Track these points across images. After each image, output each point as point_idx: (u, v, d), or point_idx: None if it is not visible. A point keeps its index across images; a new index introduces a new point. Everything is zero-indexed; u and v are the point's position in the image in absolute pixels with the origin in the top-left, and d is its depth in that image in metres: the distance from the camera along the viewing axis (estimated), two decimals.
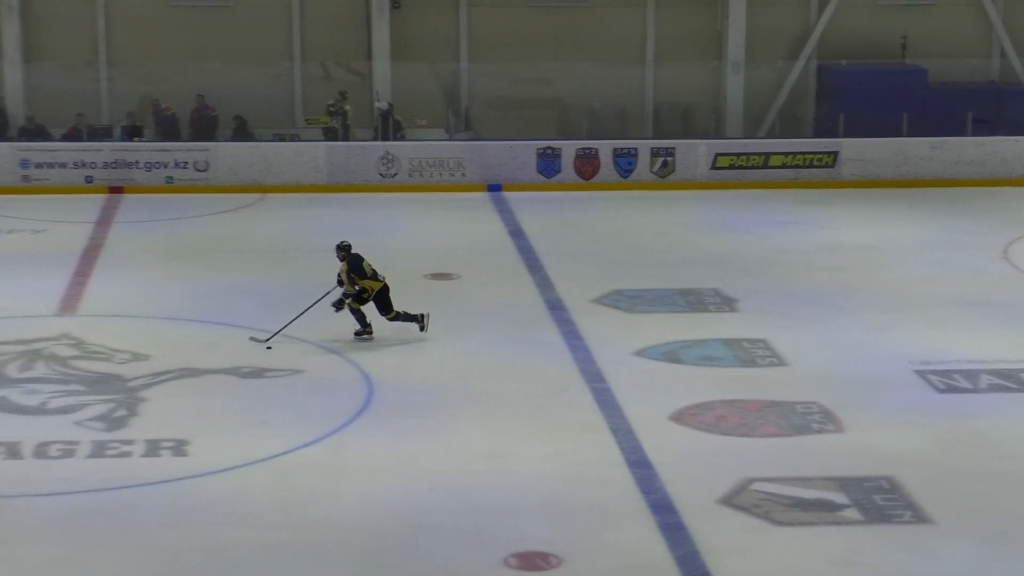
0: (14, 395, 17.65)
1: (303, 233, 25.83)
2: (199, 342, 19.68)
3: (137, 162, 28.66)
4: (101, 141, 29.36)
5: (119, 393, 17.80)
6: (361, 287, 19.52)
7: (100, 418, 17.03)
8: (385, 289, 19.64)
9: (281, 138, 30.13)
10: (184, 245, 24.87)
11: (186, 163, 28.69)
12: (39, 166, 28.47)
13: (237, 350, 19.27)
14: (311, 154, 29.15)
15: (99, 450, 16.15)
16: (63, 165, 28.52)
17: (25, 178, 28.40)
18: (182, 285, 22.26)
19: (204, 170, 28.66)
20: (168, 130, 30.35)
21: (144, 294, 21.88)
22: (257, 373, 18.49)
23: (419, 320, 19.75)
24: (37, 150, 28.74)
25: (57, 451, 16.08)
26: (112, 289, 22.14)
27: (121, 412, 17.23)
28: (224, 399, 17.71)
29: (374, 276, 19.60)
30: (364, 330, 19.60)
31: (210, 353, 19.10)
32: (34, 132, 29.90)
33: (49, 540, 14.06)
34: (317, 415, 17.16)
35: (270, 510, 14.70)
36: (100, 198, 27.93)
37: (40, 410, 17.28)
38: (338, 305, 19.63)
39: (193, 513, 14.66)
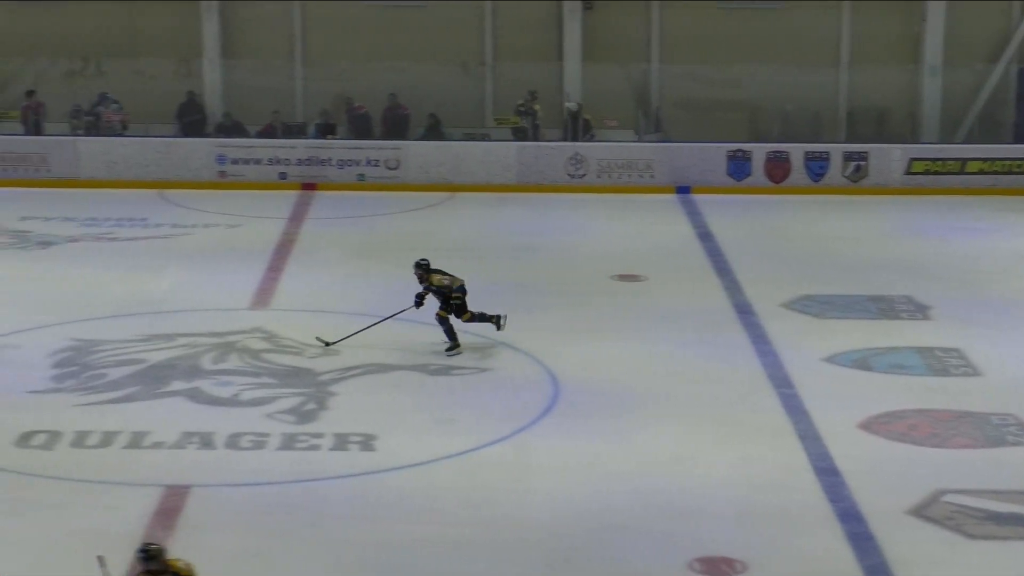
0: (208, 386, 17.97)
1: (491, 232, 25.94)
2: (388, 338, 19.83)
3: (330, 159, 29.02)
4: (295, 138, 29.80)
5: (309, 387, 18.03)
6: (438, 287, 19.29)
7: (290, 411, 17.26)
8: (461, 290, 19.49)
9: (471, 138, 30.29)
10: (374, 242, 25.12)
11: (377, 161, 28.99)
12: (235, 162, 28.98)
13: (425, 347, 19.40)
14: (501, 154, 29.26)
15: (289, 443, 16.37)
16: (258, 161, 28.99)
17: (221, 174, 28.93)
18: (372, 281, 22.49)
19: (395, 168, 28.93)
20: (360, 128, 30.70)
21: (334, 290, 22.14)
22: (444, 370, 18.60)
23: (496, 320, 19.52)
24: (233, 146, 29.26)
25: (248, 442, 16.34)
26: (303, 284, 22.45)
27: (311, 406, 17.46)
28: (412, 395, 17.84)
29: (457, 288, 19.39)
30: (453, 345, 19.29)
31: (398, 349, 19.25)
32: (231, 128, 30.45)
33: (240, 530, 14.29)
34: (503, 413, 17.20)
35: (455, 507, 14.77)
36: (293, 194, 28.34)
37: (232, 402, 17.58)
38: (418, 300, 19.39)
39: (379, 508, 14.78)
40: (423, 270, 19.40)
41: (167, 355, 18.96)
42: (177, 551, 13.71)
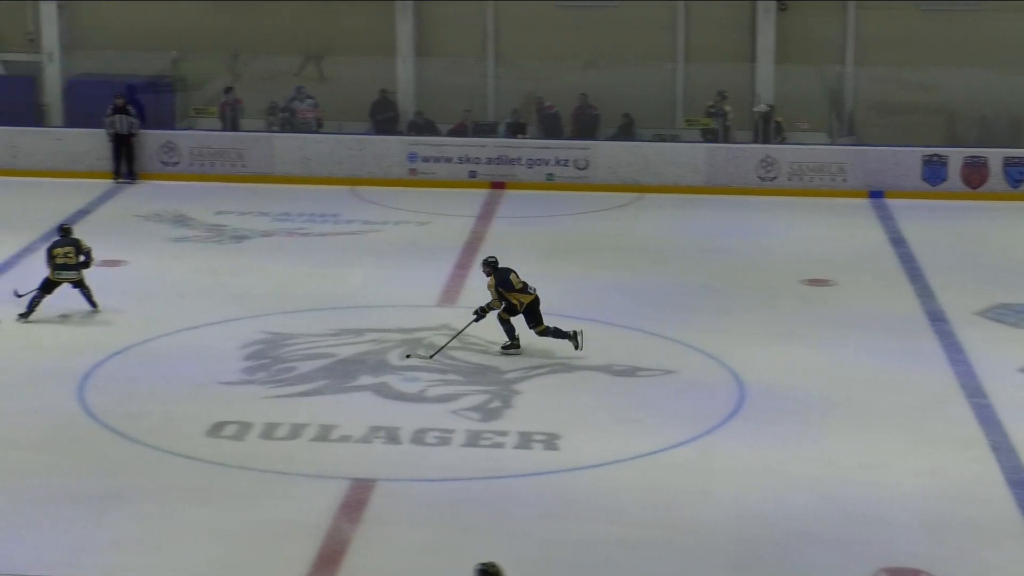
0: (395, 382, 18.14)
1: (680, 233, 25.79)
2: None
3: (519, 158, 29.11)
4: (486, 137, 29.94)
5: (494, 385, 18.10)
6: (509, 300, 19.01)
7: (476, 408, 17.35)
8: (535, 301, 19.13)
9: (661, 138, 30.16)
10: (562, 242, 25.13)
11: (567, 161, 29.00)
12: (426, 160, 29.21)
13: (610, 347, 19.35)
14: (690, 155, 29.09)
15: (473, 439, 16.45)
16: (448, 160, 29.19)
17: (412, 171, 29.18)
18: (559, 281, 22.46)
19: (584, 168, 28.93)
20: (550, 128, 30.77)
21: None
22: (630, 371, 18.53)
23: (572, 337, 19.04)
24: (424, 144, 29.49)
25: (434, 438, 16.45)
26: None
27: (496, 404, 17.52)
28: (596, 395, 17.81)
29: (523, 289, 19.10)
30: (512, 343, 19.10)
31: (584, 349, 19.22)
32: (422, 127, 30.71)
33: (425, 524, 14.40)
34: (688, 416, 17.08)
35: (639, 508, 14.72)
36: (482, 193, 28.48)
37: (419, 398, 17.72)
38: (479, 314, 19.12)
39: (562, 506, 14.79)
40: (491, 267, 19.24)
41: (356, 350, 19.17)
42: (362, 544, 13.90)
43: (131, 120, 28.57)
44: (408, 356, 18.90)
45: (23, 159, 29.24)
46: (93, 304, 20.47)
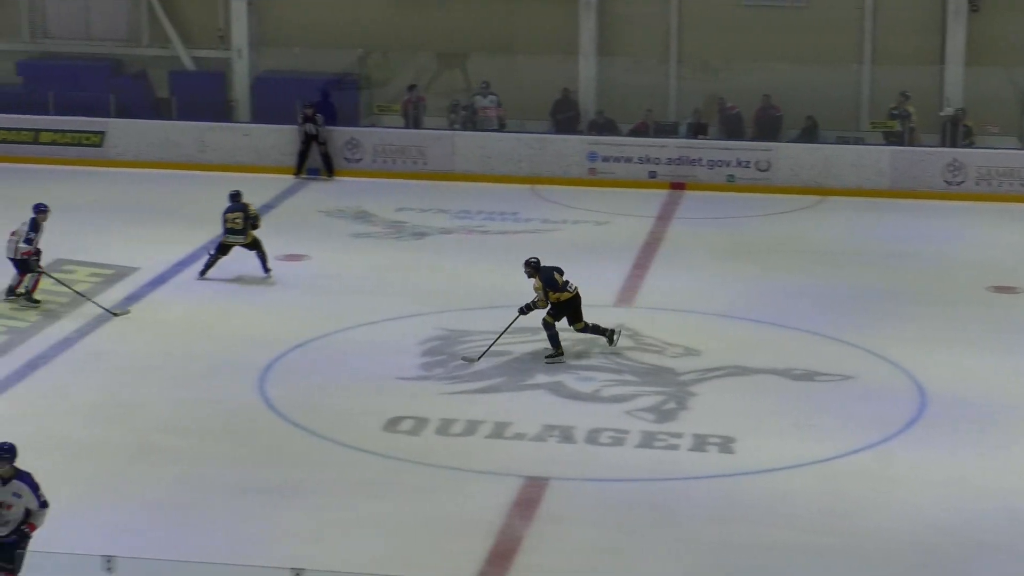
0: (570, 381, 18.13)
1: (862, 237, 25.41)
2: (751, 341, 19.65)
3: (700, 159, 28.91)
4: (666, 137, 29.80)
5: (670, 386, 18.00)
6: (553, 301, 18.79)
7: (650, 409, 17.27)
8: (577, 300, 18.96)
9: (844, 141, 29.73)
10: (741, 243, 24.92)
11: (748, 162, 28.74)
12: (606, 160, 29.16)
13: (788, 351, 19.15)
14: (874, 158, 28.64)
15: (648, 441, 16.37)
16: (628, 160, 29.10)
17: (592, 171, 29.14)
18: (737, 283, 22.31)
19: (765, 170, 28.65)
20: (732, 129, 30.52)
21: (699, 290, 22.04)
22: (808, 376, 18.30)
23: (608, 334, 18.97)
24: (605, 144, 29.44)
25: (608, 438, 16.41)
26: (668, 283, 22.41)
27: (671, 405, 17.43)
28: (773, 399, 17.62)
29: (565, 287, 18.92)
30: (556, 353, 18.80)
31: (761, 352, 19.05)
32: (602, 126, 30.66)
33: (598, 524, 14.37)
34: (867, 422, 16.82)
35: (815, 514, 14.53)
36: (662, 193, 28.34)
37: (594, 397, 17.69)
38: (524, 310, 18.96)
39: (737, 510, 14.66)
40: (533, 268, 19.09)
41: (532, 348, 19.20)
42: (534, 542, 13.91)
43: (320, 128, 28.93)
44: (463, 360, 18.78)
45: (211, 153, 29.81)
46: (266, 269, 21.79)
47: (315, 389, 17.86)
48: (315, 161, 29.18)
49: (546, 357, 18.86)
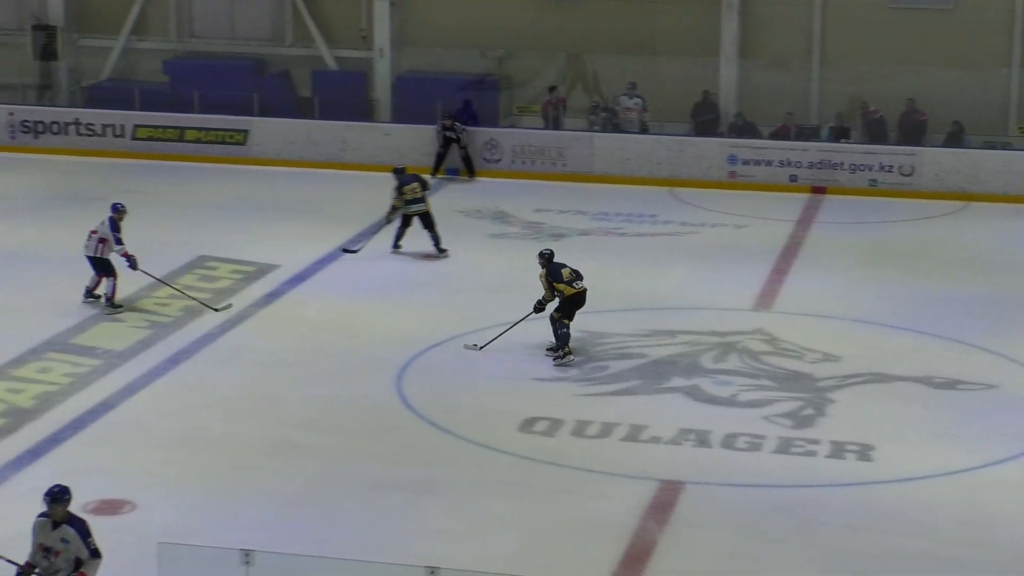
0: (707, 385, 18.02)
1: (1008, 244, 24.95)
2: (891, 347, 19.40)
3: (842, 163, 28.60)
4: (808, 141, 29.52)
5: (808, 392, 17.82)
6: (559, 293, 18.81)
7: (788, 415, 17.10)
8: (580, 298, 18.86)
9: (991, 146, 29.25)
10: (883, 249, 24.60)
11: (891, 167, 28.37)
12: (746, 162, 28.96)
13: (930, 359, 18.88)
14: (1021, 164, 28.12)
15: (784, 447, 16.22)
16: (768, 163, 28.87)
17: (731, 174, 28.96)
18: (877, 289, 22.03)
19: (909, 175, 28.26)
20: (875, 133, 30.14)
21: (839, 295, 21.79)
22: (950, 384, 18.01)
23: (559, 350, 18.72)
24: (745, 147, 29.24)
25: (744, 443, 16.29)
26: (807, 288, 22.19)
27: (808, 411, 17.24)
28: (913, 407, 17.36)
29: (569, 283, 18.83)
30: (566, 352, 18.67)
31: (902, 359, 18.80)
32: (742, 129, 30.46)
33: (732, 529, 14.27)
34: (1010, 432, 16.52)
35: (955, 525, 14.30)
36: (802, 197, 28.07)
37: (730, 402, 17.56)
38: (538, 307, 19.00)
39: (874, 519, 14.47)
40: (545, 260, 19.13)
41: (668, 351, 19.12)
42: (668, 546, 13.85)
43: (460, 133, 29.01)
44: (467, 347, 19.11)
45: (351, 152, 30.07)
46: (440, 249, 23.30)
47: (451, 388, 17.93)
48: (454, 161, 29.30)
49: (547, 350, 18.95)
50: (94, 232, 20.31)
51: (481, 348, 19.05)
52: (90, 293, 20.51)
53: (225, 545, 11.82)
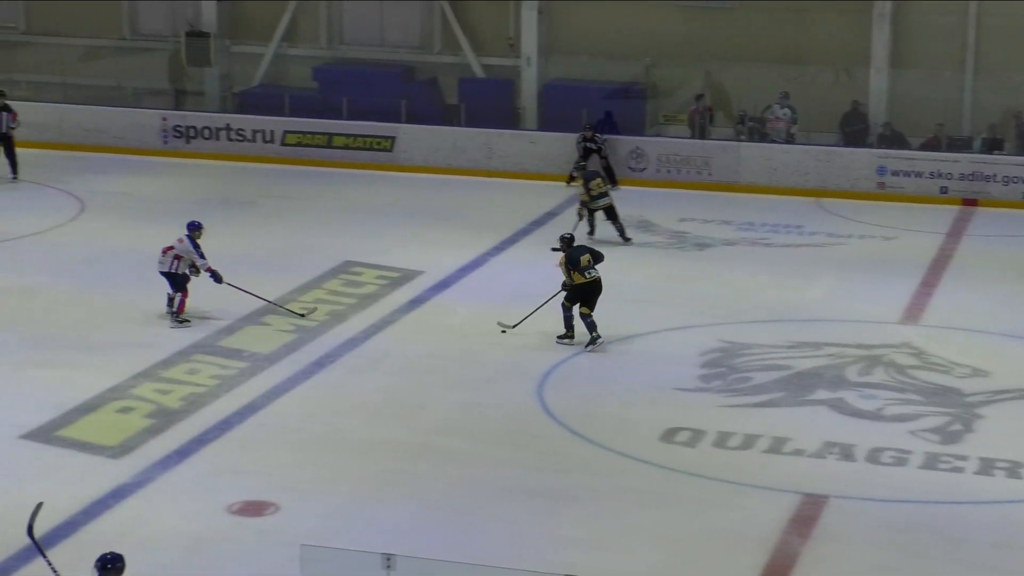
0: (852, 398, 17.81)
1: None
2: None
3: (995, 175, 28.11)
4: (959, 152, 29.06)
5: (956, 407, 17.53)
6: (572, 280, 19.24)
7: (935, 430, 16.84)
8: (595, 287, 19.25)
9: None
10: None
11: None
12: (895, 173, 28.58)
13: None
14: None
15: (931, 462, 15.98)
16: (919, 174, 28.46)
17: (880, 184, 28.60)
18: None
19: None
20: None
21: (990, 310, 21.41)
22: None
23: (593, 338, 19.30)
24: (894, 157, 28.85)
25: (889, 458, 16.07)
26: (957, 302, 21.83)
27: (956, 427, 16.97)
28: None
29: (583, 271, 19.19)
30: (567, 334, 19.48)
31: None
32: (891, 139, 30.06)
33: (876, 545, 14.07)
34: None
35: None
36: (953, 209, 27.64)
37: (876, 415, 17.34)
38: (565, 287, 19.55)
39: (1022, 538, 14.18)
40: (566, 244, 19.74)
41: (813, 363, 18.92)
42: (810, 561, 13.69)
43: (601, 144, 28.97)
44: (511, 327, 19.75)
45: (497, 160, 30.16)
46: (625, 238, 24.50)
47: (593, 396, 17.91)
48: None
49: (558, 337, 19.42)
50: (169, 248, 20.29)
51: (513, 328, 19.67)
52: (170, 305, 20.34)
53: (366, 548, 11.90)
